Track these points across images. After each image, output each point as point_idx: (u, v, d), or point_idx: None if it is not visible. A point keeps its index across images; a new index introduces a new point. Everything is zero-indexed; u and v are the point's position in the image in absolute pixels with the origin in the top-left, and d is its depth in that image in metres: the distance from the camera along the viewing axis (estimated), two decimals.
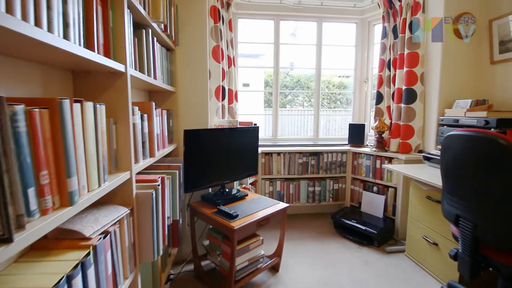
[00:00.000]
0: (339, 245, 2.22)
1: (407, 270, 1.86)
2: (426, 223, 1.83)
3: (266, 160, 2.65)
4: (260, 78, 6.77)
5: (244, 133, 1.99)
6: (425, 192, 1.81)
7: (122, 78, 0.97)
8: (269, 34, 2.88)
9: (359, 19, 2.96)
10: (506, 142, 0.99)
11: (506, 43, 1.92)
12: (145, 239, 1.08)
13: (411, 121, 2.30)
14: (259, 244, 1.74)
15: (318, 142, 3.01)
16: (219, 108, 2.28)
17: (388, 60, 2.55)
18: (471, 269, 1.19)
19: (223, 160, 1.86)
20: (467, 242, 1.19)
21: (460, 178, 1.21)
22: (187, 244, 1.97)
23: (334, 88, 4.31)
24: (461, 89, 2.12)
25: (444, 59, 2.09)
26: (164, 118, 1.62)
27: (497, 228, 1.08)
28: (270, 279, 1.79)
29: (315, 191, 2.73)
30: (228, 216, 1.58)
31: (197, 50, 1.90)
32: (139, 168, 1.12)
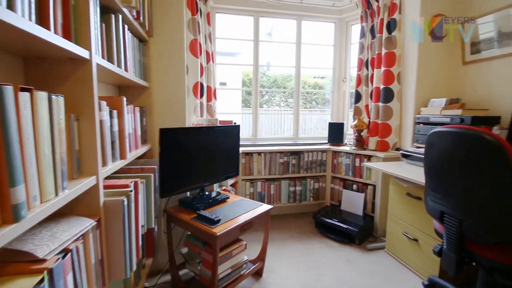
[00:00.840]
0: (322, 244, 2.19)
1: (389, 267, 1.87)
2: (406, 219, 1.86)
3: (247, 160, 2.56)
4: (237, 78, 6.68)
5: (224, 132, 1.88)
6: (405, 189, 1.83)
7: (86, 67, 0.83)
8: (247, 32, 2.79)
9: (337, 18, 2.98)
10: (492, 138, 1.00)
11: (476, 45, 2.02)
12: (116, 254, 0.94)
13: (389, 119, 2.34)
14: (242, 250, 1.64)
15: (298, 141, 2.98)
16: (197, 105, 2.14)
17: (366, 60, 2.58)
18: (456, 265, 1.20)
19: (203, 161, 1.74)
20: (452, 238, 1.20)
21: (445, 174, 1.21)
22: (164, 253, 1.82)
23: (309, 88, 4.34)
24: (436, 89, 2.20)
25: (420, 59, 2.15)
26: (137, 115, 1.47)
27: (482, 223, 1.09)
28: (254, 285, 1.71)
29: (296, 191, 2.70)
30: (210, 222, 1.47)
31: (174, 43, 1.76)
32: (108, 172, 0.98)
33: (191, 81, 2.10)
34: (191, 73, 2.09)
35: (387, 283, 1.70)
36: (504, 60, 1.85)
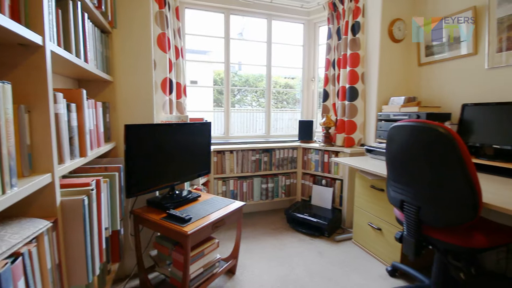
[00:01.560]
0: (293, 239, 2.24)
1: (356, 256, 1.97)
2: (370, 210, 1.97)
3: (219, 158, 2.53)
4: (208, 76, 6.56)
5: (195, 129, 1.84)
6: (370, 182, 1.95)
7: (39, 54, 0.76)
8: (218, 29, 2.76)
9: (306, 20, 3.07)
10: (444, 130, 1.10)
11: (430, 48, 2.20)
12: (76, 258, 0.87)
13: (354, 117, 2.46)
14: (214, 248, 1.62)
15: (270, 139, 3.02)
16: (166, 102, 2.07)
17: (333, 60, 2.69)
18: (416, 250, 1.30)
19: (172, 159, 1.68)
20: (412, 224, 1.29)
21: (404, 165, 1.31)
22: (131, 257, 1.73)
23: (280, 88, 4.41)
24: (395, 88, 2.36)
25: (381, 60, 2.30)
26: (99, 111, 1.38)
27: (436, 209, 1.19)
28: (227, 283, 1.69)
29: (268, 188, 2.73)
30: (180, 221, 1.42)
31: (140, 35, 1.68)
32: (66, 169, 0.90)
33: (159, 76, 2.02)
34: (159, 68, 2.02)
35: (355, 272, 1.79)
36: (453, 62, 2.05)
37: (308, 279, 1.71)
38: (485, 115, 1.72)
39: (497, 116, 1.65)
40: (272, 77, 3.04)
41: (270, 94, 3.03)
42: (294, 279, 1.71)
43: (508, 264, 1.71)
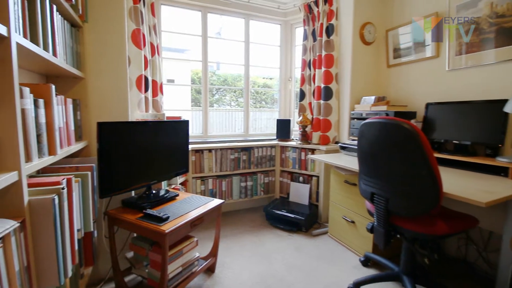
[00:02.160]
0: (272, 235, 2.28)
1: (331, 249, 2.05)
2: (344, 204, 2.06)
3: (197, 157, 2.51)
4: (186, 75, 6.46)
5: (172, 127, 1.81)
6: (344, 177, 2.03)
7: (4, 45, 0.72)
8: (195, 28, 2.74)
9: (283, 20, 3.13)
10: (409, 126, 1.19)
11: (398, 51, 2.35)
12: (46, 259, 0.83)
13: (329, 115, 2.56)
14: (193, 247, 1.61)
15: (248, 138, 3.04)
16: (141, 100, 2.02)
17: (309, 61, 2.77)
18: (385, 239, 1.39)
19: (148, 158, 1.65)
20: (381, 215, 1.38)
21: (374, 160, 1.39)
22: (106, 260, 1.67)
23: (259, 88, 4.45)
24: (367, 88, 2.49)
25: (354, 62, 2.41)
26: (69, 108, 1.32)
27: (402, 200, 1.28)
28: (206, 281, 1.69)
29: (247, 186, 2.75)
30: (158, 220, 1.40)
31: (112, 31, 1.63)
32: (33, 168, 0.86)
33: (134, 73, 1.97)
34: (134, 65, 1.97)
35: (331, 263, 1.86)
36: (418, 64, 2.20)
37: (286, 273, 1.75)
38: (446, 113, 1.87)
39: (456, 114, 1.80)
40: (251, 77, 3.06)
41: (249, 93, 3.06)
42: (272, 274, 1.75)
43: (467, 250, 1.87)
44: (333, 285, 1.63)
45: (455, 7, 1.89)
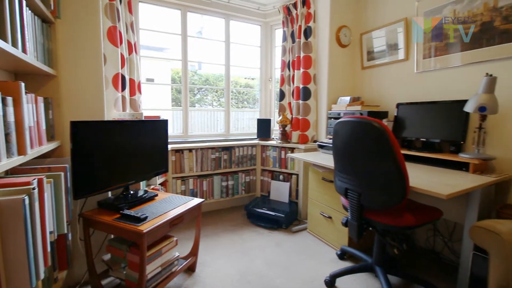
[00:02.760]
0: (253, 233, 2.31)
1: (310, 244, 2.11)
2: (322, 201, 2.14)
3: (177, 157, 2.49)
4: (166, 74, 6.34)
5: (150, 127, 1.79)
6: (321, 175, 2.11)
7: None
8: (175, 26, 2.71)
9: (263, 22, 3.17)
10: (378, 124, 1.26)
11: (371, 53, 2.46)
12: (17, 261, 0.81)
13: (308, 115, 2.63)
14: (173, 246, 1.61)
15: (229, 137, 3.05)
16: (118, 99, 1.98)
17: (288, 61, 2.84)
18: (358, 231, 1.46)
19: (125, 158, 1.62)
20: (354, 209, 1.45)
21: (347, 157, 1.46)
22: (81, 263, 1.62)
23: (241, 88, 4.47)
24: (343, 88, 2.59)
25: (330, 63, 2.50)
26: (40, 106, 1.27)
27: (373, 194, 1.36)
28: (186, 281, 1.69)
29: (228, 185, 2.76)
30: (135, 220, 1.39)
31: (87, 28, 1.58)
32: (1, 168, 0.83)
33: (110, 72, 1.92)
34: (110, 63, 1.92)
35: (309, 258, 1.92)
36: (390, 66, 2.32)
37: (266, 269, 1.79)
38: (415, 113, 1.99)
39: (424, 114, 1.92)
40: (233, 77, 3.08)
41: (229, 93, 3.07)
42: (253, 270, 1.78)
43: (435, 241, 2.00)
44: (311, 278, 1.69)
45: (423, 13, 2.02)
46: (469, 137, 1.73)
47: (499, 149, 1.64)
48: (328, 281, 1.61)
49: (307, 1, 2.60)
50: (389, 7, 2.28)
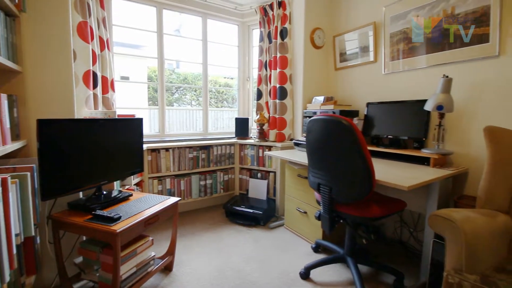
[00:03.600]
0: (231, 231, 2.34)
1: (287, 240, 2.18)
2: (298, 197, 2.20)
3: (153, 157, 2.45)
4: (142, 73, 6.17)
5: (124, 125, 1.76)
6: (297, 171, 2.17)
7: None
8: (151, 23, 2.67)
9: (240, 21, 3.20)
10: (347, 123, 1.33)
11: (343, 55, 2.57)
12: None
13: (284, 114, 2.70)
14: (148, 246, 1.59)
15: (207, 136, 3.05)
16: (89, 97, 1.92)
17: (265, 61, 2.89)
18: (330, 224, 1.53)
19: (97, 157, 1.58)
20: (326, 203, 1.52)
21: (319, 153, 1.52)
22: (51, 267, 1.56)
23: (221, 87, 4.47)
24: (318, 88, 2.68)
25: (305, 64, 2.58)
26: (4, 104, 1.21)
27: (343, 188, 1.44)
28: (163, 280, 1.68)
29: (206, 184, 2.76)
30: (108, 220, 1.36)
31: (54, 22, 1.52)
32: None
33: (80, 69, 1.86)
34: (81, 59, 1.86)
35: (285, 253, 1.98)
36: (361, 68, 2.44)
37: (244, 265, 1.82)
38: (383, 112, 2.11)
39: (391, 112, 2.05)
40: (212, 77, 3.08)
41: (207, 92, 3.07)
42: (231, 266, 1.80)
43: (402, 231, 2.13)
44: (287, 271, 1.74)
45: (389, 18, 2.14)
46: (430, 134, 1.87)
47: (456, 144, 1.79)
48: (303, 273, 1.68)
49: (283, 3, 2.66)
50: (360, 11, 2.40)
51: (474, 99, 1.70)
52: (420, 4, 1.93)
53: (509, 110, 1.57)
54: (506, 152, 1.39)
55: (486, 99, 1.66)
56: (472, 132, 1.71)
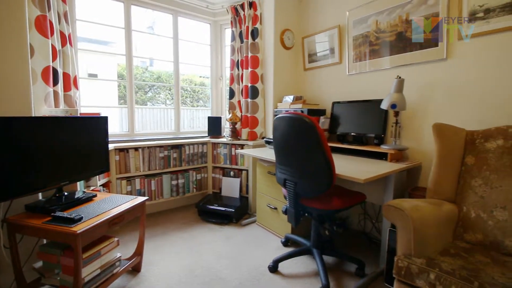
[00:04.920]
0: (204, 229, 2.34)
1: (259, 236, 2.22)
2: (268, 193, 2.26)
3: (121, 157, 2.39)
4: (112, 70, 5.92)
5: (87, 124, 1.70)
6: (267, 169, 2.23)
7: None
8: (121, 19, 2.59)
9: (212, 20, 3.20)
10: (309, 120, 1.40)
11: (312, 56, 2.66)
12: None
13: (256, 113, 2.74)
14: (114, 247, 1.55)
15: (179, 135, 3.02)
16: (49, 94, 1.83)
17: (237, 61, 2.91)
18: (295, 218, 1.59)
19: (58, 157, 1.52)
20: (291, 197, 1.58)
21: (285, 149, 1.58)
22: (7, 273, 1.48)
23: (196, 87, 4.42)
24: (288, 88, 2.76)
25: (275, 64, 2.64)
26: None
27: (307, 183, 1.50)
28: (131, 281, 1.65)
29: (178, 184, 2.73)
30: (68, 221, 1.32)
31: (9, 16, 1.44)
32: None
33: (39, 65, 1.77)
34: (39, 55, 1.77)
35: (256, 248, 2.02)
36: (328, 68, 2.54)
37: (214, 262, 1.84)
38: (347, 111, 2.22)
39: (354, 111, 2.16)
40: (187, 76, 3.05)
41: (179, 90, 3.03)
42: (201, 264, 1.81)
43: (365, 223, 2.26)
44: (257, 265, 1.79)
45: (352, 22, 2.26)
46: (388, 131, 2.00)
47: (411, 140, 1.94)
48: (271, 266, 1.73)
49: (254, 4, 2.70)
50: (326, 15, 2.50)
51: (426, 98, 1.85)
52: (379, 10, 2.06)
53: (455, 108, 1.73)
54: (452, 146, 1.53)
55: (436, 98, 1.81)
56: (425, 129, 1.86)
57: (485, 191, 1.40)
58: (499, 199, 1.35)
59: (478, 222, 1.39)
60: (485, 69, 1.60)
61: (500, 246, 1.30)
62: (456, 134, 1.54)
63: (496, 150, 1.43)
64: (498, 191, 1.37)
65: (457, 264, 1.15)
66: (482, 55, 1.61)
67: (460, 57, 1.70)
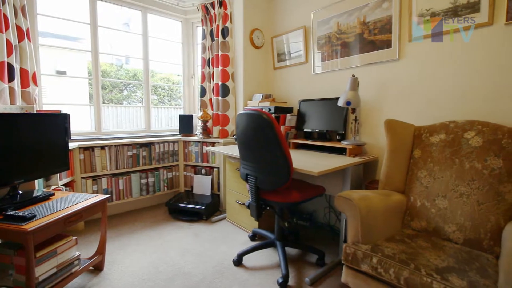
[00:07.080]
0: (173, 227, 2.33)
1: (228, 232, 2.25)
2: (237, 190, 2.29)
3: (87, 155, 2.33)
4: (82, 67, 5.70)
5: (45, 122, 1.65)
6: (235, 165, 2.26)
7: None
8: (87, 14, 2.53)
9: (183, 18, 3.18)
10: (266, 117, 1.45)
11: (280, 55, 2.73)
12: None
13: (227, 111, 2.77)
14: (71, 245, 1.53)
15: (150, 134, 2.99)
16: (4, 90, 1.76)
17: (208, 59, 2.92)
18: (257, 211, 1.64)
19: (12, 155, 1.47)
20: (253, 192, 1.63)
21: (246, 145, 1.62)
22: None
23: (174, 85, 4.36)
24: (257, 86, 2.81)
25: (245, 62, 2.68)
26: None
27: (267, 177, 1.55)
28: (92, 280, 1.62)
29: (148, 183, 2.70)
30: (20, 220, 1.28)
31: None
32: None
33: None
34: None
35: (223, 244, 2.05)
36: (295, 68, 2.62)
37: (179, 258, 1.84)
38: (312, 108, 2.30)
39: (319, 109, 2.24)
40: (164, 74, 3.03)
41: (149, 88, 3.00)
42: (166, 261, 1.81)
43: (330, 216, 2.35)
44: (222, 260, 1.81)
45: (317, 23, 2.35)
46: (348, 128, 2.10)
47: (369, 136, 2.04)
48: (236, 260, 1.76)
49: (224, 2, 2.73)
50: (293, 16, 2.57)
51: (382, 96, 1.97)
52: (340, 12, 2.16)
53: (406, 105, 1.85)
54: (401, 141, 1.64)
55: (390, 96, 1.92)
56: (381, 125, 1.97)
57: (429, 181, 1.52)
58: (440, 188, 1.47)
59: (423, 210, 1.50)
60: (431, 68, 1.73)
61: (441, 232, 1.41)
62: (405, 129, 1.65)
63: (439, 143, 1.54)
64: (440, 181, 1.48)
65: (398, 249, 1.24)
66: (429, 55, 1.73)
67: (410, 58, 1.82)
